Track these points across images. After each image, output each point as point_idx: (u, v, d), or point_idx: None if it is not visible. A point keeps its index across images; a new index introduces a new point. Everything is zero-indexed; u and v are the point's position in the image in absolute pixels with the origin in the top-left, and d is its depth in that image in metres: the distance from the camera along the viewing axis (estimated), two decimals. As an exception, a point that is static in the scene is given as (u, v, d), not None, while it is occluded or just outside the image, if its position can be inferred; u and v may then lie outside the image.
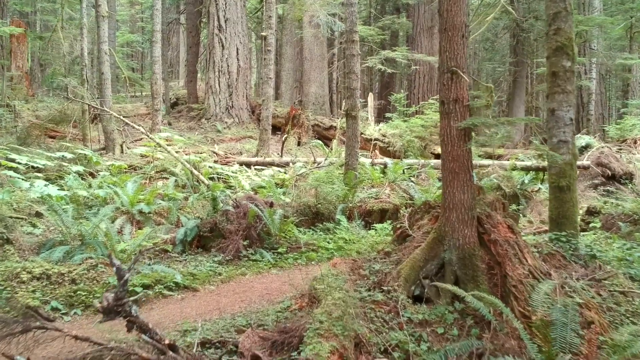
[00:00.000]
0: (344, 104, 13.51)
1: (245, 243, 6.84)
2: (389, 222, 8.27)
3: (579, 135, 12.29)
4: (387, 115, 15.49)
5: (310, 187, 8.54)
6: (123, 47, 34.30)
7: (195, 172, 8.52)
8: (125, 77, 17.08)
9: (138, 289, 5.33)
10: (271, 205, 7.63)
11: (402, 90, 17.40)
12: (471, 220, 4.66)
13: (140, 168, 10.86)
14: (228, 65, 19.99)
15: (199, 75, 25.87)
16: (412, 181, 10.03)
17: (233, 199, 7.37)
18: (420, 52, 20.81)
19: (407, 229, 5.30)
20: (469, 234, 4.64)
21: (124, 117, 21.96)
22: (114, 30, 28.28)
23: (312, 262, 6.96)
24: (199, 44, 25.19)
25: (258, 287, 5.87)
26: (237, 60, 20.15)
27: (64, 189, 8.61)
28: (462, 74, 4.53)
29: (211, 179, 10.09)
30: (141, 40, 34.69)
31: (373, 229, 8.26)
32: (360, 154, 10.33)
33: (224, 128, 19.43)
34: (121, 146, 13.86)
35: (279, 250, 7.03)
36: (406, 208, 9.02)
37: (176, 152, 12.61)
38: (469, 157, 4.67)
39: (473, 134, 4.78)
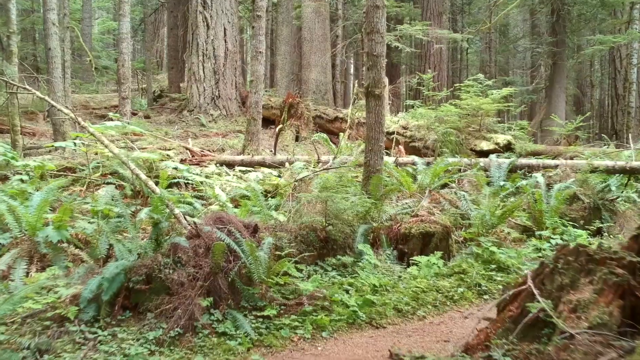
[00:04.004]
0: (355, 86, 10.61)
1: (206, 303, 3.94)
2: (438, 254, 5.37)
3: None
4: (409, 102, 12.57)
5: (315, 200, 5.65)
6: (104, 35, 31.37)
7: (143, 176, 5.61)
8: (91, 61, 14.11)
9: None
10: (255, 230, 4.74)
11: (430, 71, 14.39)
12: None
13: (82, 170, 7.96)
14: (214, 48, 17.06)
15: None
16: (460, 189, 7.13)
17: (191, 224, 4.46)
18: (430, 41, 18.00)
19: (543, 310, 2.39)
20: None
21: (93, 109, 19.09)
22: (89, 13, 25.29)
23: (323, 334, 4.07)
24: (187, 30, 22.20)
25: (220, 410, 2.98)
26: (225, 42, 17.22)
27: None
28: None
29: (173, 185, 7.20)
30: (124, 28, 31.69)
31: (413, 263, 5.38)
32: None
33: (209, 121, 16.52)
34: (74, 144, 10.94)
35: (267, 311, 4.12)
36: (457, 230, 6.14)
37: (142, 148, 9.73)
38: None
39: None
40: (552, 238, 6.52)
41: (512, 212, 6.13)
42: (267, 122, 15.82)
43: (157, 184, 6.98)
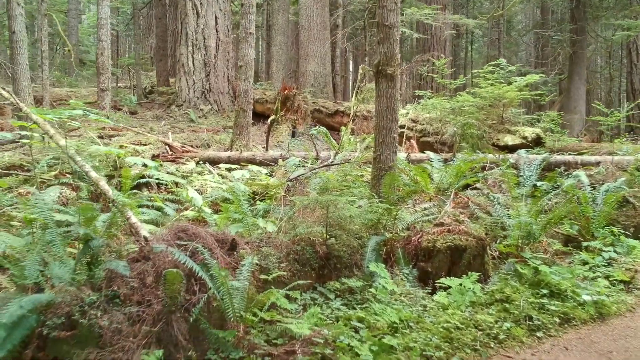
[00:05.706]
0: (360, 69, 9.39)
1: (153, 358, 2.70)
2: (473, 276, 4.13)
3: None
4: (418, 92, 11.31)
5: (314, 204, 4.42)
6: (94, 29, 30.17)
7: (94, 173, 4.39)
8: (69, 50, 12.89)
9: None
10: (232, 247, 3.51)
11: (442, 56, 13.11)
12: None
13: (42, 168, 6.76)
14: (204, 38, 15.84)
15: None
16: (491, 191, 5.89)
17: (141, 241, 3.23)
18: (434, 34, 16.81)
19: None
20: None
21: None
22: (76, 5, 24.08)
23: (324, 401, 2.83)
24: (177, 19, 20.98)
25: None
26: (216, 32, 16.00)
27: None
28: None
29: (141, 186, 5.96)
30: (115, 22, 30.52)
31: (440, 287, 4.15)
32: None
33: (199, 117, 15.29)
34: (43, 137, 9.71)
35: (243, 366, 2.89)
36: (494, 242, 4.91)
37: (121, 145, 8.51)
38: None
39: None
40: (604, 251, 5.31)
41: (561, 220, 4.91)
42: (261, 117, 14.57)
43: (120, 184, 5.78)
